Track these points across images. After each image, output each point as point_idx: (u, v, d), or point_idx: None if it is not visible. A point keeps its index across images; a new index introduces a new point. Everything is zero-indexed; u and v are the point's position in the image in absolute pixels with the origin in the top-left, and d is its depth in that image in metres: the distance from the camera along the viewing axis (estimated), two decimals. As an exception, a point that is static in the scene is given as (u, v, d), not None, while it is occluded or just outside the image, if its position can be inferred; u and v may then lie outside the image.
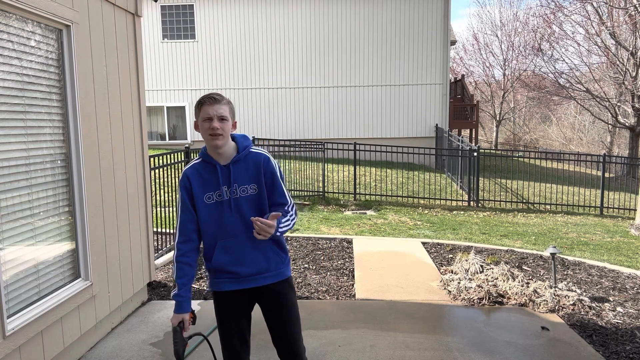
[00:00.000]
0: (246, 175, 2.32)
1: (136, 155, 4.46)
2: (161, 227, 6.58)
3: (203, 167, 2.34)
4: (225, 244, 2.32)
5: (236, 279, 2.34)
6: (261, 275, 2.35)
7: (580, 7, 19.79)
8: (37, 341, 3.09)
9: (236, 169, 2.32)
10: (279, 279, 2.40)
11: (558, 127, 38.69)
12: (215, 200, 2.31)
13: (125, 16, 4.27)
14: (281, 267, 2.41)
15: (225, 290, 2.37)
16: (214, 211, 2.31)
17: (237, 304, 2.38)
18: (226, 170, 2.31)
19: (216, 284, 2.39)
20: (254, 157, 2.35)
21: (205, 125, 2.24)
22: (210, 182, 2.31)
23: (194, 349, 3.67)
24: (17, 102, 3.00)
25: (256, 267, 2.34)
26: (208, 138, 2.25)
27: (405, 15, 17.13)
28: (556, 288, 4.93)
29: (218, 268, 2.35)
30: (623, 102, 20.88)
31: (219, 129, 2.22)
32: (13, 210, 2.97)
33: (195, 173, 2.33)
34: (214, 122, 2.22)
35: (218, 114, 2.23)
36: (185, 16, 17.24)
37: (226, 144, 2.29)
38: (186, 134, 17.69)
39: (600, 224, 10.01)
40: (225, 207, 2.30)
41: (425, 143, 16.81)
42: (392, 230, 8.31)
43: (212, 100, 2.24)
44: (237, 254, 2.32)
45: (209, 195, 2.32)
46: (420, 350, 3.72)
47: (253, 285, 2.36)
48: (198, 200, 2.32)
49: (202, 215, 2.33)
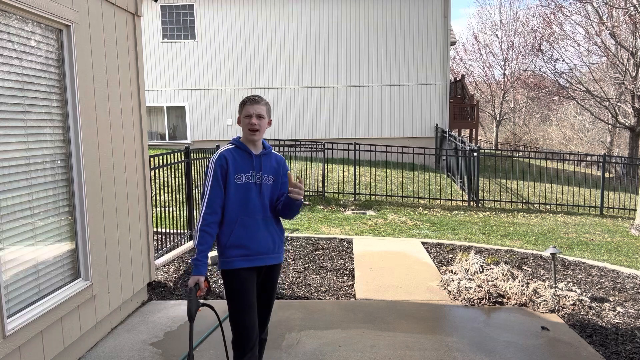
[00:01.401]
0: (270, 168, 2.77)
1: (136, 155, 4.46)
2: (161, 227, 6.57)
3: (236, 153, 2.72)
4: (245, 221, 2.68)
5: (247, 255, 2.68)
6: (268, 256, 2.74)
7: (580, 7, 19.79)
8: (37, 341, 3.09)
9: (265, 160, 2.76)
10: (278, 261, 2.82)
11: (558, 127, 38.69)
12: (244, 181, 2.68)
13: (125, 16, 4.27)
14: (280, 251, 2.83)
15: (237, 267, 2.67)
16: (240, 190, 2.68)
17: (249, 281, 2.69)
18: (257, 159, 2.73)
19: (229, 262, 2.68)
20: (276, 156, 2.86)
21: (246, 120, 2.68)
22: (242, 165, 2.70)
23: (204, 338, 3.67)
24: (17, 102, 3.00)
25: (265, 245, 2.72)
26: (247, 132, 2.69)
27: (405, 15, 17.13)
28: (556, 288, 4.93)
29: (234, 243, 2.67)
30: (623, 102, 20.89)
31: (256, 125, 2.67)
32: (13, 210, 2.97)
33: (231, 156, 2.70)
34: (253, 119, 2.66)
35: (257, 113, 2.67)
36: (185, 16, 17.24)
37: (261, 137, 2.74)
38: (186, 134, 17.68)
39: (600, 224, 10.00)
40: (251, 188, 2.69)
41: (425, 143, 16.81)
42: (392, 230, 8.31)
43: (253, 101, 2.68)
44: (253, 231, 2.69)
45: (239, 176, 2.68)
46: (420, 350, 3.72)
47: (261, 264, 2.72)
48: (230, 179, 2.67)
49: (230, 193, 2.68)
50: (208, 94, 17.53)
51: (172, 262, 5.98)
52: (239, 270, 2.67)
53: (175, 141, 17.61)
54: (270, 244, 2.74)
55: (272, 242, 2.75)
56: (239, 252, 2.67)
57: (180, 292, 5.03)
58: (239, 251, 2.67)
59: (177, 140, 17.64)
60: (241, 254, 2.67)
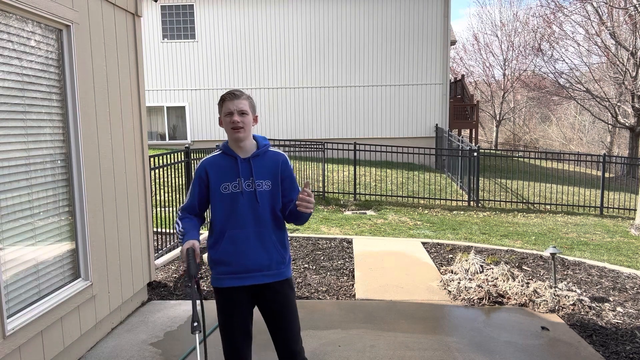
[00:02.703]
0: (263, 171, 2.43)
1: (136, 155, 4.46)
2: (161, 227, 6.57)
3: (222, 159, 2.45)
4: (234, 234, 2.39)
5: (234, 273, 2.39)
6: (260, 273, 2.40)
7: (580, 7, 19.79)
8: (37, 341, 3.09)
9: (256, 163, 2.43)
10: (278, 279, 2.44)
11: (558, 127, 38.69)
12: (231, 190, 2.40)
13: (125, 16, 4.27)
14: (282, 268, 2.45)
15: (226, 286, 2.41)
16: (228, 201, 2.40)
17: (238, 301, 2.42)
18: (246, 163, 2.42)
19: (218, 280, 2.43)
20: (273, 155, 2.49)
21: (227, 119, 2.38)
22: (228, 173, 2.41)
23: (210, 333, 3.67)
24: (17, 102, 3.00)
25: (257, 262, 2.39)
26: (230, 131, 2.38)
27: (405, 15, 17.13)
28: (556, 288, 4.93)
29: (221, 259, 2.40)
30: (623, 102, 20.89)
31: (239, 122, 2.36)
32: (13, 210, 2.97)
33: (214, 164, 2.45)
34: (235, 116, 2.36)
35: (238, 109, 2.36)
36: (185, 16, 17.24)
37: (247, 137, 2.42)
38: (186, 134, 17.68)
39: (600, 224, 10.00)
40: (239, 198, 2.39)
41: (425, 143, 16.81)
42: (392, 230, 8.31)
43: (232, 96, 2.38)
44: (243, 246, 2.38)
45: (225, 186, 2.40)
46: (420, 350, 3.72)
47: (252, 283, 2.40)
48: (214, 190, 2.42)
49: (215, 204, 2.42)
50: (208, 94, 17.53)
51: (172, 262, 5.98)
52: (226, 289, 2.41)
53: (175, 141, 17.61)
54: (264, 260, 2.39)
55: (268, 259, 2.40)
56: (225, 269, 2.40)
57: (180, 292, 5.03)
58: (225, 268, 2.40)
59: (177, 140, 17.64)
60: (228, 271, 2.39)
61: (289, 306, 2.45)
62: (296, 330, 2.47)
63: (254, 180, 2.40)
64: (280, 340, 2.45)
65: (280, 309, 2.43)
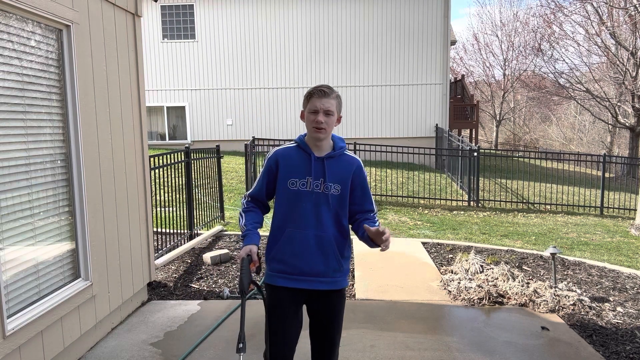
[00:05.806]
0: (335, 174, 2.32)
1: (136, 155, 4.46)
2: (161, 227, 6.57)
3: (296, 152, 2.35)
4: (293, 233, 2.30)
5: (287, 273, 2.31)
6: (315, 279, 2.32)
7: (580, 7, 19.80)
8: (37, 341, 3.09)
9: (329, 164, 2.32)
10: (332, 288, 2.36)
11: (558, 127, 38.69)
12: (298, 188, 2.30)
13: (125, 16, 4.27)
14: (338, 276, 2.37)
15: (278, 285, 2.34)
16: (292, 198, 2.30)
17: (288, 301, 2.34)
18: (319, 163, 2.31)
19: (270, 276, 2.36)
20: (348, 159, 2.38)
21: (311, 117, 2.26)
22: (298, 169, 2.31)
23: (205, 338, 3.66)
24: (17, 102, 3.00)
25: (313, 267, 2.30)
26: (312, 130, 2.27)
27: (405, 15, 17.13)
28: (556, 288, 4.93)
29: (276, 256, 2.34)
30: (623, 102, 20.89)
31: (323, 123, 2.24)
32: (13, 210, 2.97)
33: (286, 156, 2.34)
34: (320, 115, 2.24)
35: (325, 108, 2.24)
36: (185, 16, 17.24)
37: (327, 137, 2.31)
38: (186, 134, 17.69)
39: (600, 224, 10.00)
40: (305, 197, 2.29)
41: (425, 143, 16.81)
42: (392, 230, 8.31)
43: (321, 94, 2.25)
44: (301, 247, 2.29)
45: (292, 181, 2.31)
46: (420, 350, 3.72)
47: (305, 287, 2.32)
48: (281, 182, 2.33)
49: (279, 198, 2.33)
50: (208, 94, 17.53)
51: (172, 262, 5.98)
52: (278, 288, 2.34)
53: (175, 141, 17.61)
54: (320, 266, 2.29)
55: (325, 264, 2.30)
56: (279, 267, 2.33)
57: (180, 292, 5.03)
58: (279, 266, 2.33)
59: (177, 140, 17.64)
60: (281, 270, 2.32)
61: (337, 319, 2.38)
62: (336, 343, 2.41)
63: (323, 181, 2.29)
64: (317, 349, 2.41)
65: (327, 321, 2.37)
